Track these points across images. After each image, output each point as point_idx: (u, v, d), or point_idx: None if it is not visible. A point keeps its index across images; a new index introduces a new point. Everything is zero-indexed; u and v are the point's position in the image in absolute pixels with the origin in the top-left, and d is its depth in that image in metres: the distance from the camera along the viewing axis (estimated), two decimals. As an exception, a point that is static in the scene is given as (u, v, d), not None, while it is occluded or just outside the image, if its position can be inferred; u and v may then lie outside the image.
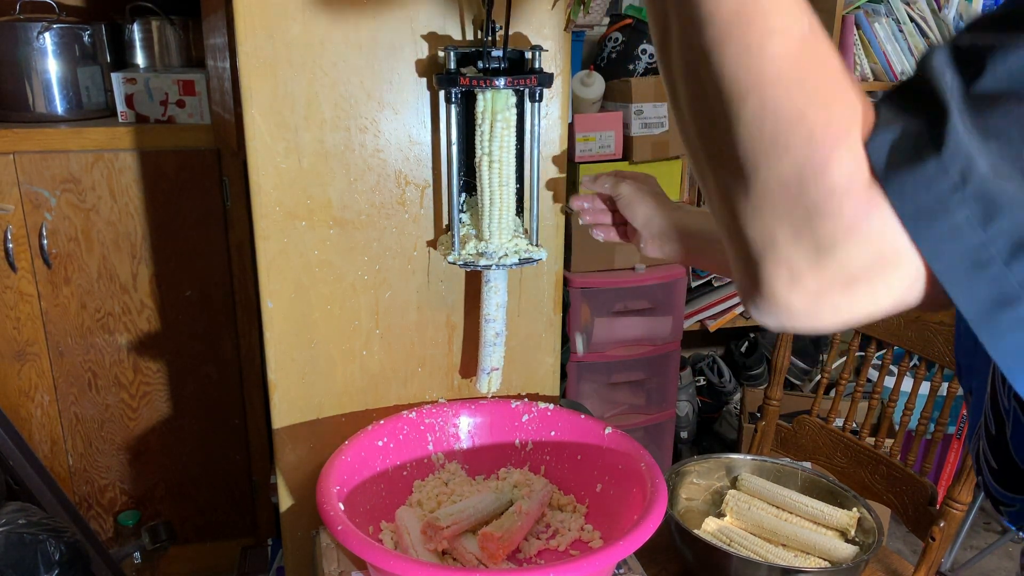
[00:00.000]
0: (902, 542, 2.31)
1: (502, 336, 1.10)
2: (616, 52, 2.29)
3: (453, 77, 0.97)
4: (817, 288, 0.40)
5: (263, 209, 1.03)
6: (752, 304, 0.43)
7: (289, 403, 1.11)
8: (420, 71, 1.04)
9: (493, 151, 1.00)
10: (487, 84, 0.96)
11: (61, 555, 1.44)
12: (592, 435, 1.11)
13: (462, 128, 1.03)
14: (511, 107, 1.00)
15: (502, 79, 0.97)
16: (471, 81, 0.96)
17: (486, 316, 1.09)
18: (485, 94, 0.98)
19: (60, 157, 1.72)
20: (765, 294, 0.42)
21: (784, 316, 0.42)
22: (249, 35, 0.97)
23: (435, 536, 0.98)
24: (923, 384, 1.42)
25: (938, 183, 0.37)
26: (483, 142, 1.00)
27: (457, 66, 0.99)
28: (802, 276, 0.40)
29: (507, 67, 1.00)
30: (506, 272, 1.07)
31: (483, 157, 1.01)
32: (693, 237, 0.97)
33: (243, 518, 2.07)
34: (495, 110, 0.99)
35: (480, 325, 1.09)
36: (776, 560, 1.17)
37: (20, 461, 1.65)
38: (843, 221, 0.39)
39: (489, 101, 0.99)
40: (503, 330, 1.10)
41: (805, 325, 0.42)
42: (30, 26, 1.78)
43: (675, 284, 2.26)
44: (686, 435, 2.56)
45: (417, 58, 1.04)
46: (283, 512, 1.16)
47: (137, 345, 1.87)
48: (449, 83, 0.98)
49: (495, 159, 1.00)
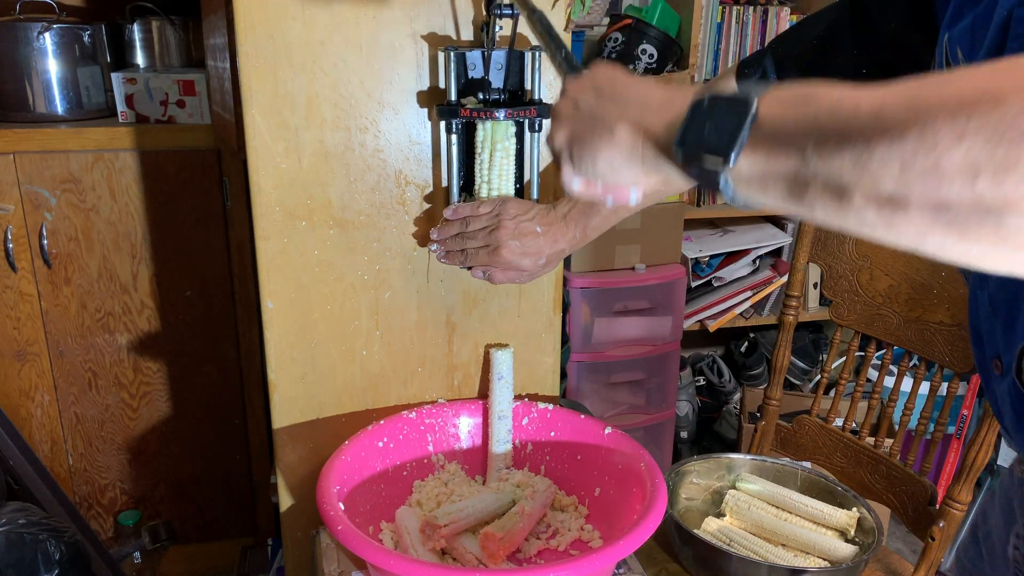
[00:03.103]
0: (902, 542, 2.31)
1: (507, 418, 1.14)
2: (616, 52, 2.30)
3: (454, 108, 0.98)
4: None
5: (263, 209, 1.03)
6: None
7: (289, 403, 1.11)
8: (420, 71, 1.04)
9: (492, 179, 1.02)
10: (487, 116, 0.97)
11: (61, 555, 1.44)
12: (592, 435, 1.11)
13: (462, 153, 1.04)
14: (511, 137, 1.01)
15: (502, 111, 0.98)
16: (471, 112, 0.97)
17: (500, 414, 1.13)
18: (485, 125, 0.99)
19: (60, 157, 1.72)
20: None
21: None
22: (249, 35, 0.97)
23: (433, 535, 0.98)
24: (923, 384, 1.42)
25: None
26: (482, 170, 1.02)
27: (458, 97, 1.00)
28: None
29: (507, 98, 1.01)
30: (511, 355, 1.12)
31: (482, 185, 1.03)
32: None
33: (243, 518, 2.07)
34: (495, 140, 1.01)
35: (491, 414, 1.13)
36: (776, 560, 1.17)
37: (20, 461, 1.65)
38: None
39: (489, 131, 1.00)
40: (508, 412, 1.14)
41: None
42: (30, 26, 1.78)
43: (675, 284, 2.26)
44: (686, 435, 2.56)
45: (417, 58, 1.04)
46: (283, 512, 1.16)
47: (137, 345, 1.87)
48: (450, 114, 0.99)
49: (494, 187, 1.02)
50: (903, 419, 1.47)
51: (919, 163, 0.37)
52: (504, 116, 0.98)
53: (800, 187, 0.42)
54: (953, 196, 0.36)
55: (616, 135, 0.54)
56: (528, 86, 1.02)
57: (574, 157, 0.58)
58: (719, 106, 0.46)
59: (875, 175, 0.38)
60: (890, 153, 0.38)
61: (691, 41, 2.34)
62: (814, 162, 0.41)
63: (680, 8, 2.36)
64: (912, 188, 0.37)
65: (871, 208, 0.39)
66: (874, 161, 0.38)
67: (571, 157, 0.58)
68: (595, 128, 0.55)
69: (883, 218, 0.39)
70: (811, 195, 0.42)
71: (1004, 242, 0.36)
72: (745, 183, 0.46)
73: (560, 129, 0.59)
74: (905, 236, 0.39)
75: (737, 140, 0.44)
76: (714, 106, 0.47)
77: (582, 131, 0.57)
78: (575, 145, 0.57)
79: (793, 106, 0.44)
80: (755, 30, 2.52)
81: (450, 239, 1.02)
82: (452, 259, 1.03)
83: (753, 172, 0.45)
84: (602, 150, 0.55)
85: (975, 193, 0.35)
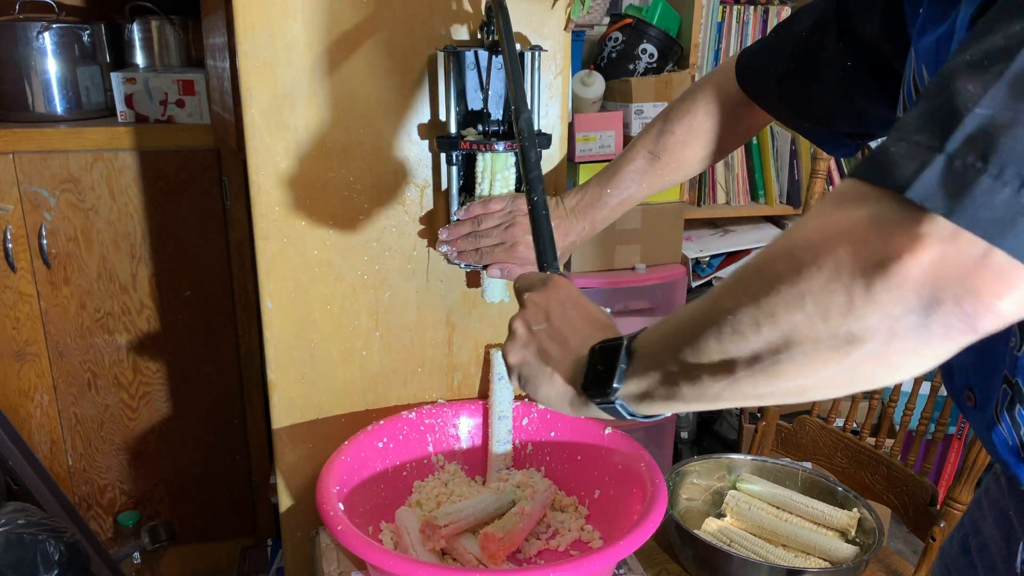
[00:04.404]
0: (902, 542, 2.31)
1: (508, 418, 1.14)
2: (616, 52, 2.29)
3: (454, 141, 1.00)
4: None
5: (263, 209, 1.03)
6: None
7: (289, 403, 1.11)
8: (420, 71, 1.04)
9: None
10: (487, 148, 0.99)
11: (61, 555, 1.44)
12: (592, 435, 1.11)
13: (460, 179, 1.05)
14: (510, 167, 1.02)
15: (501, 143, 0.99)
16: (471, 145, 0.99)
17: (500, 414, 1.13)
18: (485, 156, 1.01)
19: (60, 157, 1.72)
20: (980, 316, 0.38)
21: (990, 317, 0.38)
22: (249, 35, 0.97)
23: (433, 535, 0.98)
24: (923, 384, 1.42)
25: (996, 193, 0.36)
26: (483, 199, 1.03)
27: (458, 129, 1.01)
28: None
29: (506, 129, 1.02)
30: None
31: None
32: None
33: (243, 518, 2.07)
34: (495, 170, 1.02)
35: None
36: (776, 560, 1.17)
37: (20, 461, 1.65)
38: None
39: (488, 162, 1.01)
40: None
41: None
42: (30, 26, 1.78)
43: (675, 284, 2.26)
44: (686, 435, 2.56)
45: (417, 58, 1.04)
46: (283, 512, 1.16)
47: (137, 345, 1.87)
48: (450, 147, 1.00)
49: None
50: (904, 419, 1.47)
51: (745, 344, 0.46)
52: (504, 148, 0.99)
53: (673, 388, 0.53)
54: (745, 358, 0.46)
55: (555, 381, 0.64)
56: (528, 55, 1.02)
57: (521, 380, 0.67)
58: (602, 353, 0.58)
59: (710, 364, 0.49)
60: (718, 341, 0.47)
61: (691, 41, 2.33)
62: (674, 368, 0.52)
63: (680, 8, 2.36)
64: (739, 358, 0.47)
65: (723, 382, 0.48)
66: (707, 349, 0.49)
67: (519, 378, 0.67)
68: (540, 366, 0.65)
69: (734, 389, 0.48)
70: (682, 391, 0.52)
71: (793, 377, 0.45)
72: (635, 402, 0.57)
73: (513, 351, 0.67)
74: (747, 397, 0.49)
75: (615, 373, 0.56)
76: (597, 354, 0.59)
77: (530, 364, 0.66)
78: (523, 371, 0.66)
79: (654, 332, 0.55)
80: (755, 29, 2.52)
81: (462, 239, 1.01)
82: (466, 258, 1.02)
83: (640, 388, 0.56)
84: (542, 387, 0.65)
85: (757, 352, 0.45)
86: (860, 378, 0.42)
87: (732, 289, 0.46)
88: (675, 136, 0.97)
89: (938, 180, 0.35)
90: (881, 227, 0.37)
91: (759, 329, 0.43)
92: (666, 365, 0.52)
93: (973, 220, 0.35)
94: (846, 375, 0.42)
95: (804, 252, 0.40)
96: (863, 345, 0.39)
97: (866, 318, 0.38)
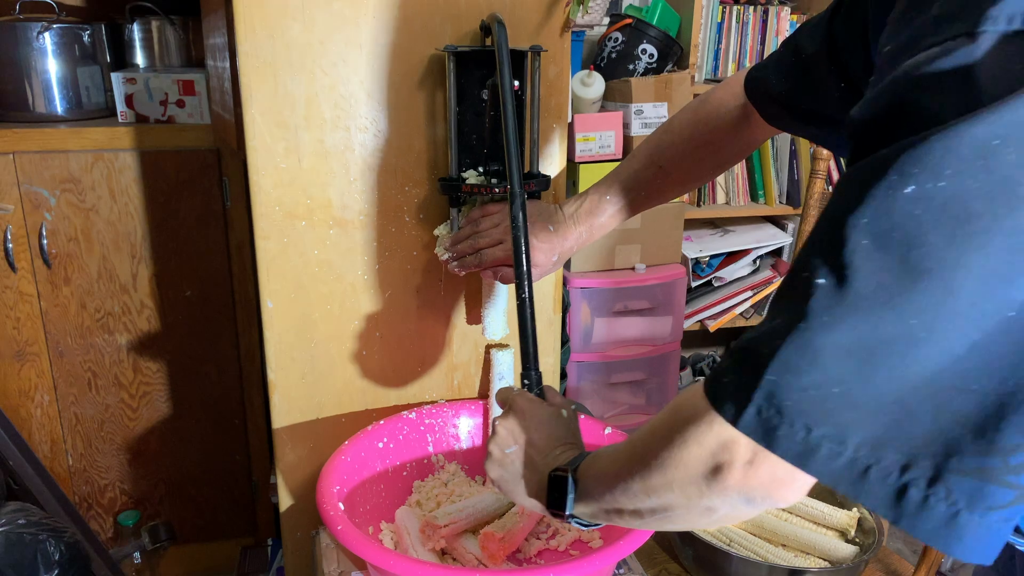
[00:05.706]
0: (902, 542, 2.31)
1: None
2: (616, 52, 2.30)
3: (456, 184, 1.03)
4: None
5: (263, 209, 1.03)
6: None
7: (289, 403, 1.11)
8: (420, 71, 1.04)
9: None
10: (487, 191, 1.02)
11: (61, 555, 1.44)
12: (592, 435, 1.11)
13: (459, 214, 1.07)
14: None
15: (502, 185, 1.01)
16: (472, 188, 1.03)
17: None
18: (485, 198, 1.04)
19: (60, 157, 1.72)
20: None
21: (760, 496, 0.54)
22: (249, 35, 0.97)
23: (433, 535, 0.98)
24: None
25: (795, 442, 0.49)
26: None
27: (459, 171, 1.04)
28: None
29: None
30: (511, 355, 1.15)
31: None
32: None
33: (243, 518, 2.07)
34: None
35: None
36: (776, 560, 1.17)
37: (20, 461, 1.65)
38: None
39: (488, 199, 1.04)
40: None
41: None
42: (30, 26, 1.78)
43: (675, 284, 2.26)
44: (686, 435, 2.56)
45: (417, 58, 1.04)
46: (283, 512, 1.16)
47: (137, 345, 1.87)
48: (452, 190, 1.04)
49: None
50: (903, 419, 1.47)
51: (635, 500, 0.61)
52: (502, 193, 1.01)
53: (610, 517, 0.66)
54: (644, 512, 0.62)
55: (527, 495, 0.76)
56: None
57: (502, 491, 0.80)
58: (554, 483, 0.71)
59: (624, 504, 0.62)
60: (627, 491, 0.61)
61: (691, 41, 2.34)
62: (605, 505, 0.65)
63: (680, 8, 2.36)
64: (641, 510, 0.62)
65: (639, 520, 0.62)
66: (622, 496, 0.62)
67: (500, 489, 0.80)
68: (516, 482, 0.77)
69: (647, 524, 0.63)
70: (617, 520, 0.66)
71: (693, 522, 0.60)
72: (589, 517, 0.69)
73: (491, 469, 0.80)
74: (665, 529, 0.64)
75: (566, 502, 0.69)
76: (552, 482, 0.71)
77: (507, 480, 0.78)
78: (502, 485, 0.79)
79: (593, 466, 0.69)
80: (755, 30, 2.52)
81: (462, 243, 1.03)
82: (466, 265, 1.04)
83: (587, 512, 0.69)
84: (518, 498, 0.78)
85: (647, 510, 0.61)
86: (732, 520, 0.58)
87: (631, 457, 0.60)
88: (676, 148, 0.98)
89: (754, 422, 0.49)
90: (721, 446, 0.52)
91: (648, 497, 0.59)
92: (600, 501, 0.66)
93: (781, 451, 0.49)
94: (720, 522, 0.58)
95: (671, 454, 0.55)
96: (719, 511, 0.55)
97: (713, 500, 0.54)
